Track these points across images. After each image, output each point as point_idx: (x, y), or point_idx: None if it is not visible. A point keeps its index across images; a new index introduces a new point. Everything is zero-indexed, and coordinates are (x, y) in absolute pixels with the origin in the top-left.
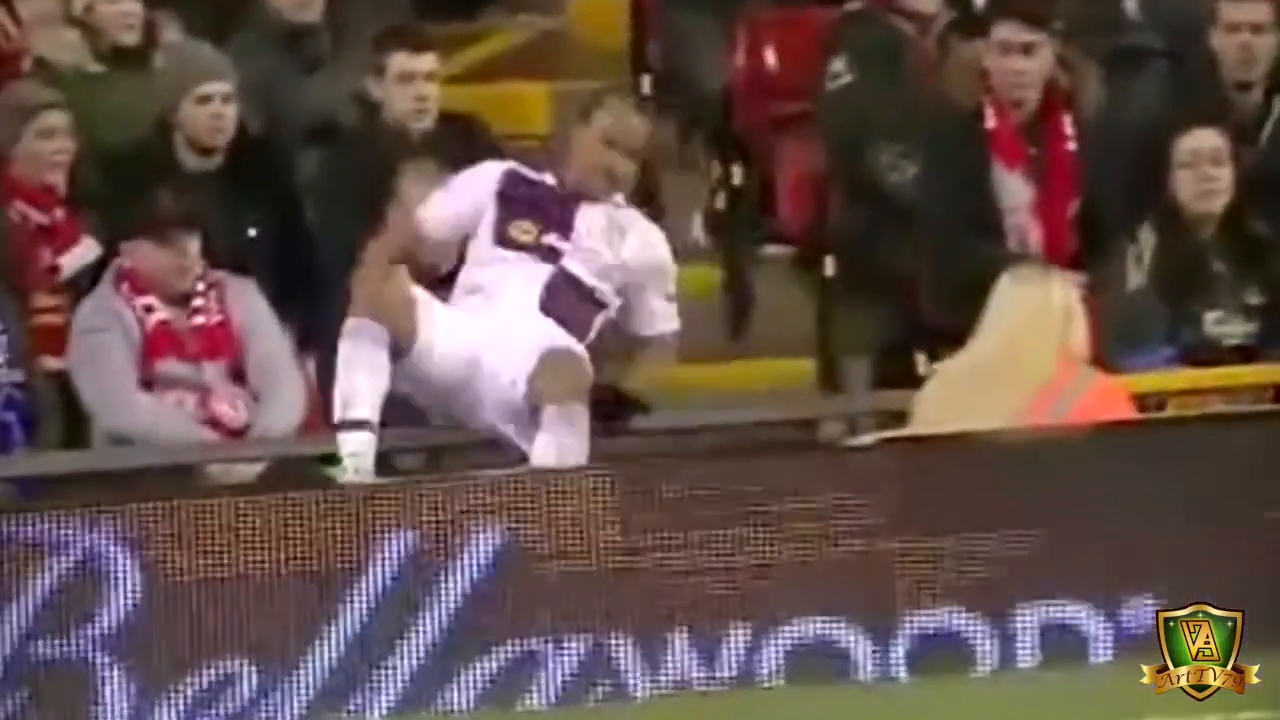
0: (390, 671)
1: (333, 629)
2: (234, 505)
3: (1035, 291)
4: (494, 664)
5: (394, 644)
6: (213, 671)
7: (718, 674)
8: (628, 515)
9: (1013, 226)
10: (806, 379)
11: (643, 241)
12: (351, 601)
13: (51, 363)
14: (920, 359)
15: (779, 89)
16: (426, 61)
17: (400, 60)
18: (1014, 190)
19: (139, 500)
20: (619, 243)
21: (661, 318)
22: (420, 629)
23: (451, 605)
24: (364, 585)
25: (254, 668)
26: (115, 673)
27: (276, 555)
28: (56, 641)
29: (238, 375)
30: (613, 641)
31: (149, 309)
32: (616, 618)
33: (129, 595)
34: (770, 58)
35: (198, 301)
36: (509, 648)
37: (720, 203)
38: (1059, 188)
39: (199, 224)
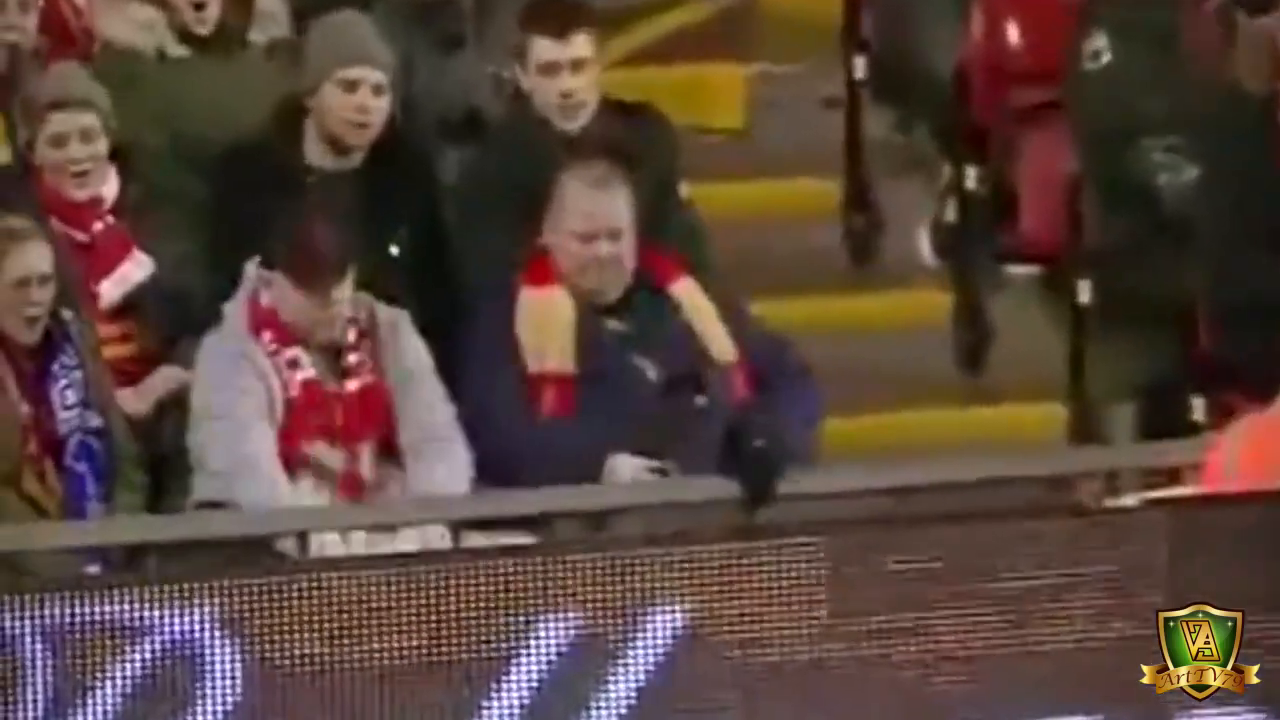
0: None
1: None
2: (355, 581)
3: None
4: None
5: None
6: None
7: None
8: (837, 593)
9: None
10: (1057, 428)
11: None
12: (498, 699)
13: (125, 402)
14: (1197, 403)
15: (1024, 72)
16: (574, 47)
17: (541, 47)
18: None
19: (240, 575)
20: None
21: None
22: None
23: (621, 703)
24: (513, 679)
25: None
26: None
27: (406, 642)
28: None
29: (387, 445)
30: None
31: (294, 364)
32: (823, 718)
33: (226, 689)
34: (1013, 34)
35: (350, 358)
36: None
37: (950, 212)
38: None
39: (351, 265)
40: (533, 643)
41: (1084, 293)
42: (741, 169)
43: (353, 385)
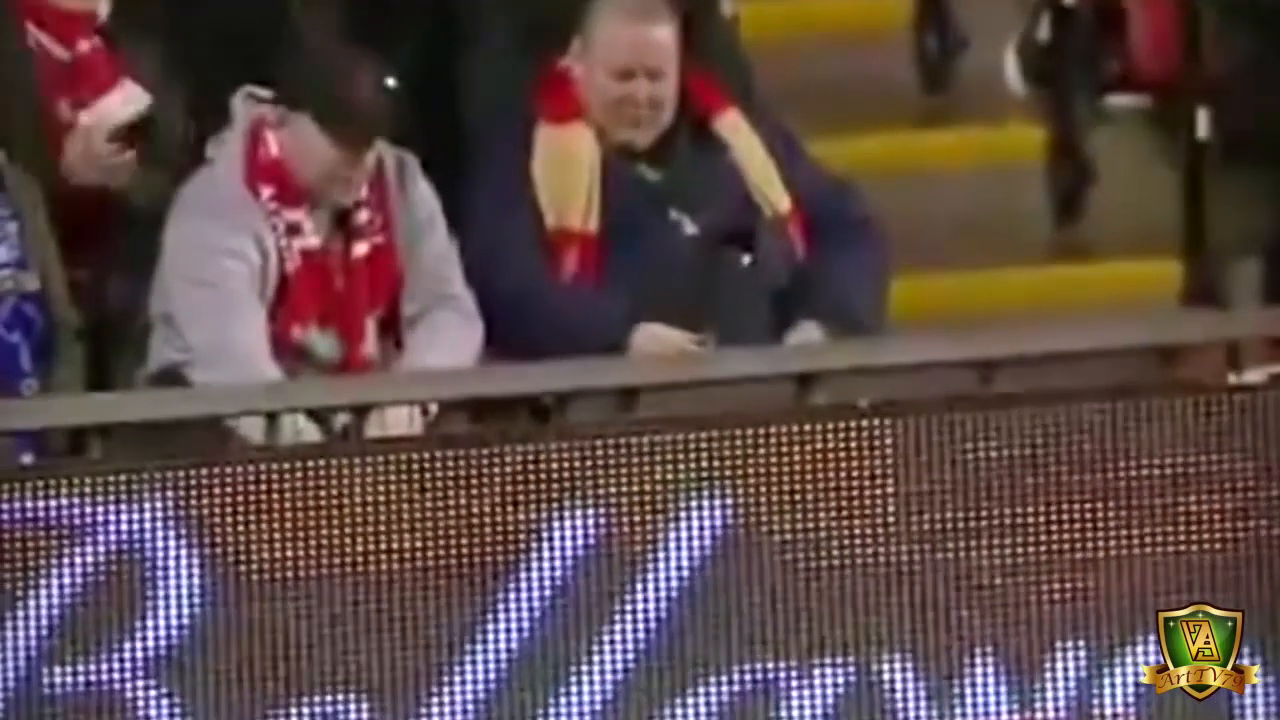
0: (561, 711)
1: (479, 650)
2: (337, 472)
3: None
4: (712, 700)
5: (568, 672)
6: (305, 710)
7: (1039, 716)
8: (909, 485)
9: None
10: (1170, 289)
11: None
12: (505, 611)
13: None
14: None
15: None
16: None
17: None
18: None
19: (202, 463)
20: None
21: None
22: (606, 650)
23: (651, 615)
24: (523, 587)
25: (365, 705)
26: (163, 709)
27: (397, 544)
28: (80, 665)
29: (391, 320)
30: (885, 668)
31: (295, 230)
32: (891, 634)
33: (183, 600)
34: None
35: (361, 216)
36: (734, 676)
37: (1044, 31)
38: None
39: (396, 126)
40: (548, 544)
41: (1203, 126)
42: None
43: (361, 249)
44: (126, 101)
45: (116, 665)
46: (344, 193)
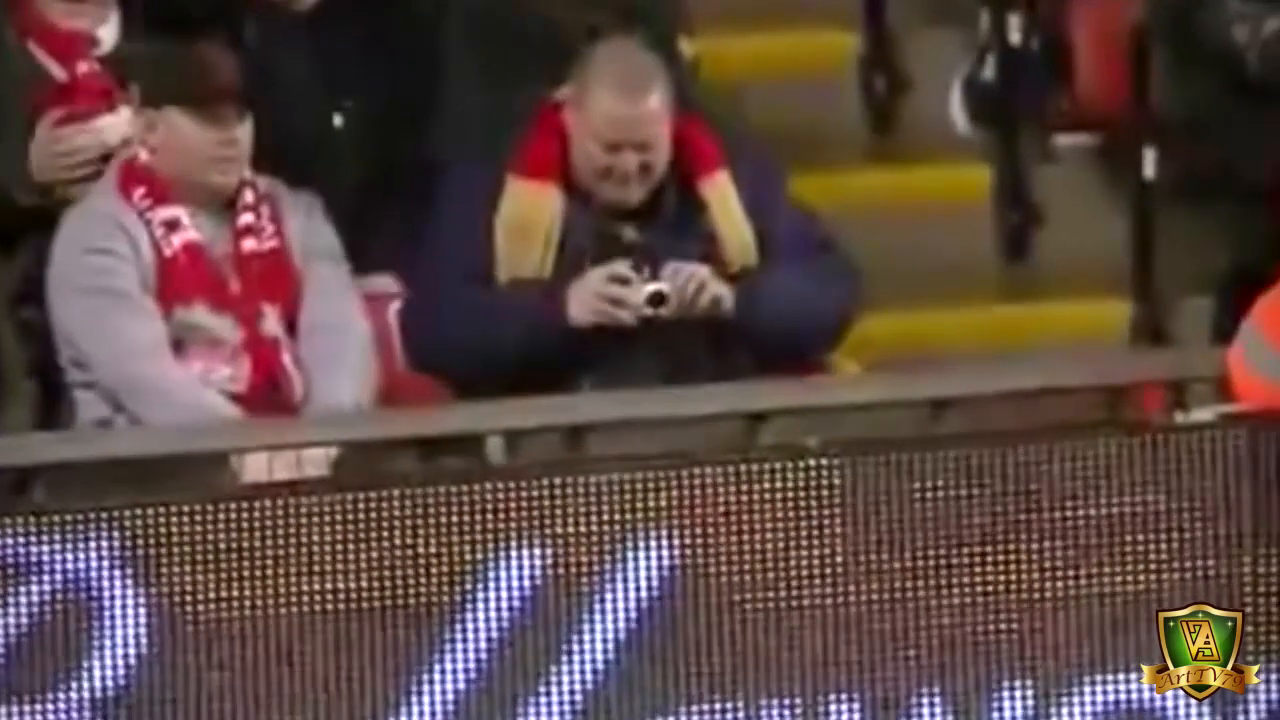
0: None
1: (426, 689)
2: (284, 512)
3: None
4: None
5: (514, 712)
6: None
7: None
8: (856, 526)
9: None
10: (1118, 328)
11: None
12: (452, 651)
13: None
14: None
15: None
16: None
17: None
18: None
19: (147, 504)
20: None
21: None
22: (552, 690)
23: (596, 654)
24: (470, 627)
25: None
26: None
27: (344, 585)
28: (25, 706)
29: (290, 325)
30: (833, 708)
31: (172, 225)
32: (837, 674)
33: (130, 642)
34: None
35: (246, 218)
36: (681, 717)
37: (990, 70)
38: None
39: (252, 99)
40: (494, 584)
41: (1150, 165)
42: (736, 16)
43: (250, 244)
44: (118, 125)
45: (62, 706)
46: (224, 172)
